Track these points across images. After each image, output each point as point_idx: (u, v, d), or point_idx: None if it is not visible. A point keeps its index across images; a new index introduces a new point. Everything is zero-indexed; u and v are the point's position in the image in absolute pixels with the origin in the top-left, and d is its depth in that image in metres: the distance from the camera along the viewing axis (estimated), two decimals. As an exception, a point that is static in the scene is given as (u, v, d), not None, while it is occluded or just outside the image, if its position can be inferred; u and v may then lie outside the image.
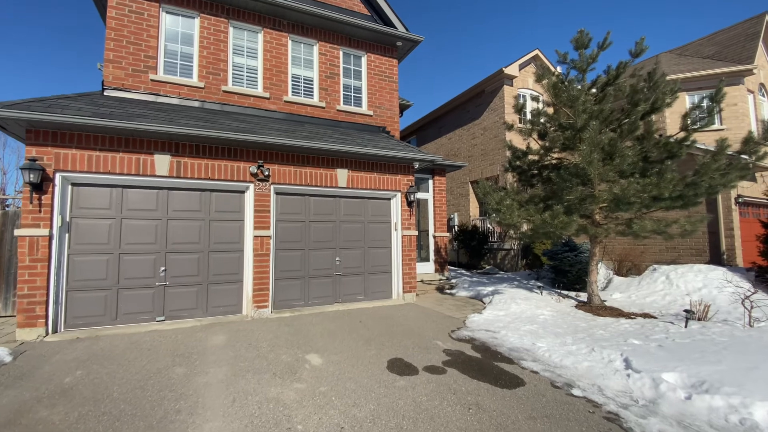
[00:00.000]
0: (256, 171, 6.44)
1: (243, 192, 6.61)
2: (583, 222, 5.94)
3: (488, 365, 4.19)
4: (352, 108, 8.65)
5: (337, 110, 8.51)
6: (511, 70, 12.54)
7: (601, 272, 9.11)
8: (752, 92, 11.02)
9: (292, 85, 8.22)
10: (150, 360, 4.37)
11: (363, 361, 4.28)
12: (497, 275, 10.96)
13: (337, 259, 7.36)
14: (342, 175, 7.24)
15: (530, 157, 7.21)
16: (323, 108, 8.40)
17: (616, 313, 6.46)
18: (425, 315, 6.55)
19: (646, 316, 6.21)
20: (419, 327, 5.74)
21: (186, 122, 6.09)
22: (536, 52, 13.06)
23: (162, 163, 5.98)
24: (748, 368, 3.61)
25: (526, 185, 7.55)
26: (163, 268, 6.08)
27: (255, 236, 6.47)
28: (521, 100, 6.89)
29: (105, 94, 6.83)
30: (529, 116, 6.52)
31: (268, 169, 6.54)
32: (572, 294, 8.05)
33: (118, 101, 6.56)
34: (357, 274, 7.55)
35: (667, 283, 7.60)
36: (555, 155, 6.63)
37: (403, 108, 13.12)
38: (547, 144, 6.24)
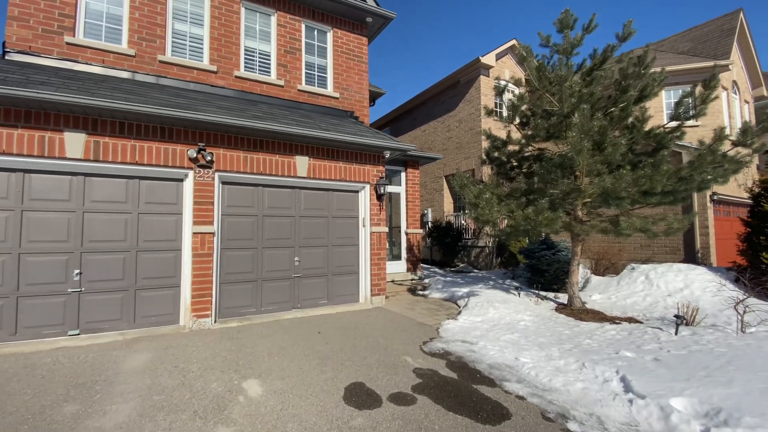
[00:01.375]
0: (196, 155, 5.42)
1: (180, 180, 5.58)
2: (568, 219, 5.39)
3: (466, 389, 3.49)
4: (315, 89, 7.72)
5: (299, 90, 7.56)
6: (488, 59, 11.99)
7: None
8: (726, 89, 11.04)
9: (245, 59, 7.19)
10: (38, 392, 3.36)
11: (314, 388, 3.47)
12: (471, 274, 10.43)
13: (296, 259, 6.47)
14: (302, 163, 6.34)
15: (510, 147, 6.61)
16: (281, 87, 7.43)
17: (599, 317, 5.99)
18: (395, 322, 5.81)
19: (630, 320, 5.77)
20: (387, 338, 4.99)
21: (107, 94, 4.98)
22: (513, 42, 12.58)
23: (75, 143, 4.86)
24: (763, 389, 3.11)
25: (504, 179, 6.95)
26: (77, 271, 4.98)
27: (195, 233, 5.47)
28: (501, 84, 6.23)
29: (6, 58, 5.57)
30: (507, 104, 5.89)
31: (212, 153, 5.54)
32: (551, 295, 7.58)
33: (21, 66, 5.33)
34: (319, 276, 6.70)
35: (647, 283, 7.27)
36: (537, 145, 6.05)
37: (374, 96, 12.28)
38: (529, 132, 5.64)
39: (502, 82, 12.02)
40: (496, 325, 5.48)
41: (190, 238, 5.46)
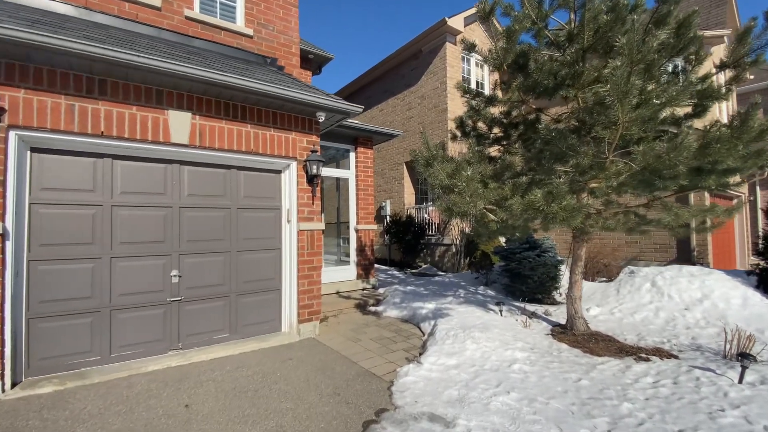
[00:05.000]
0: (-52, 93, 2.95)
1: (-76, 140, 3.08)
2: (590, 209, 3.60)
3: None
4: (215, 20, 5.33)
5: (186, 18, 5.12)
6: (456, 22, 10.13)
7: (564, 276, 7.16)
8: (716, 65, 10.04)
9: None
10: None
11: None
12: (436, 278, 8.59)
13: (175, 273, 4.16)
14: (179, 122, 4.01)
15: (493, 110, 4.72)
16: (158, 10, 4.96)
17: (615, 347, 4.32)
18: (325, 373, 3.73)
19: (659, 353, 4.12)
20: (303, 418, 2.90)
21: None
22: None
23: None
24: None
25: (483, 159, 5.03)
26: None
27: (-48, 236, 3.02)
28: (470, 41, 4.26)
29: None
30: (499, 35, 3.93)
31: (-11, 93, 3.10)
32: (539, 310, 5.87)
33: None
34: (216, 298, 4.44)
35: (655, 292, 5.77)
36: (534, 104, 4.22)
37: (321, 61, 9.97)
38: (528, 83, 3.77)
39: (466, 61, 10.09)
40: (480, 373, 3.57)
41: (-61, 246, 3.00)
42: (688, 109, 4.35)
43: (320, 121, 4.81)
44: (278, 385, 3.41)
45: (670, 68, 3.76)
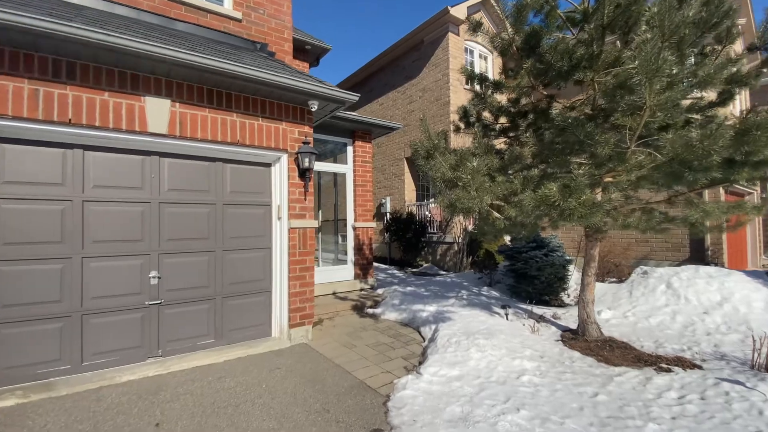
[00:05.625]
0: None
1: None
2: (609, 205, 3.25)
3: None
4: (201, 1, 4.97)
5: (170, -1, 4.79)
6: (459, 11, 9.73)
7: (573, 277, 6.82)
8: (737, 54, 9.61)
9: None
10: None
11: None
12: (438, 278, 8.26)
13: (154, 274, 3.83)
14: (157, 109, 3.68)
15: (500, 99, 4.36)
16: (138, -11, 4.62)
17: (631, 355, 3.98)
18: (314, 385, 3.40)
19: (680, 362, 3.78)
20: (287, 436, 2.58)
21: None
22: (488, -6, 10.41)
23: None
24: None
25: (490, 151, 4.67)
26: None
27: None
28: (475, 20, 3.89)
29: None
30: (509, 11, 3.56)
31: (-67, 72, 2.76)
32: (548, 313, 5.54)
33: None
34: (200, 301, 4.11)
35: (670, 294, 5.43)
36: (545, 91, 3.84)
37: (319, 52, 9.60)
38: (540, 66, 3.40)
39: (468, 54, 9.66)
40: (485, 386, 3.24)
41: None
42: (712, 97, 3.99)
43: (313, 110, 4.46)
44: (262, 400, 3.08)
45: (696, 50, 3.39)
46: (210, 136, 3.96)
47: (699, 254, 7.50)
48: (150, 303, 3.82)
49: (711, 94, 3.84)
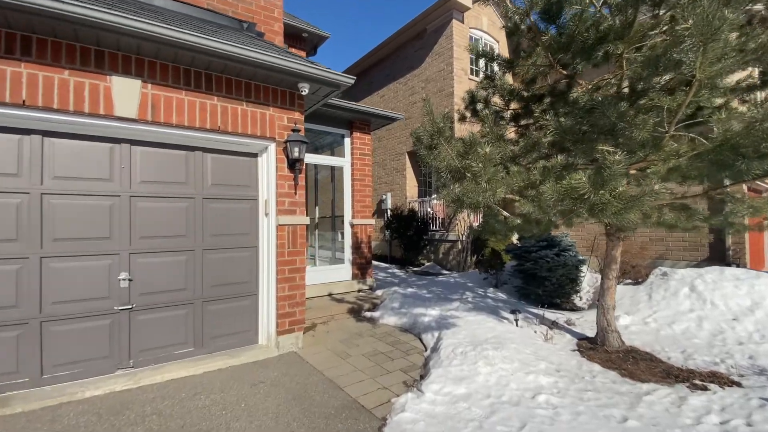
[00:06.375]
0: None
1: None
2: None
3: None
4: (183, -23, 4.55)
5: (146, -28, 4.35)
6: (464, -3, 9.23)
7: (586, 278, 6.38)
8: None
9: None
10: None
11: None
12: (440, 278, 7.84)
13: (124, 276, 3.43)
14: (126, 91, 3.25)
15: (511, 81, 3.89)
16: (109, -41, 4.18)
17: (659, 369, 3.55)
18: (301, 406, 2.98)
19: (716, 378, 3.35)
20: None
21: None
22: (495, -19, 9.90)
23: None
24: None
25: (501, 138, 4.21)
26: None
27: None
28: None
29: None
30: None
31: None
32: (560, 318, 5.10)
33: None
34: (177, 305, 3.70)
35: (695, 298, 4.98)
36: (563, 71, 3.39)
37: (316, 40, 9.14)
38: (561, 39, 2.95)
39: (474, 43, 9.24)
40: (496, 407, 2.82)
41: None
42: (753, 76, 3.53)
43: (303, 94, 4.02)
44: (239, 423, 2.67)
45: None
46: (187, 122, 3.53)
47: (719, 254, 7.03)
48: (120, 308, 3.41)
49: (750, 74, 3.37)
